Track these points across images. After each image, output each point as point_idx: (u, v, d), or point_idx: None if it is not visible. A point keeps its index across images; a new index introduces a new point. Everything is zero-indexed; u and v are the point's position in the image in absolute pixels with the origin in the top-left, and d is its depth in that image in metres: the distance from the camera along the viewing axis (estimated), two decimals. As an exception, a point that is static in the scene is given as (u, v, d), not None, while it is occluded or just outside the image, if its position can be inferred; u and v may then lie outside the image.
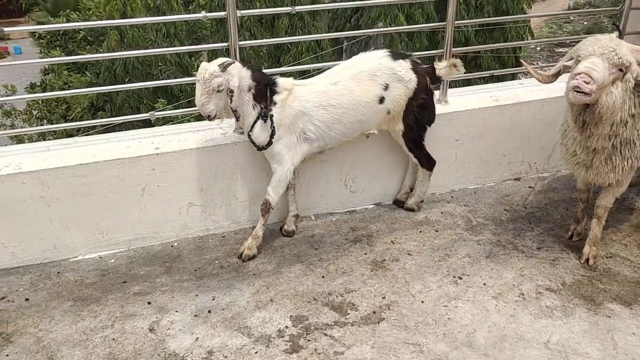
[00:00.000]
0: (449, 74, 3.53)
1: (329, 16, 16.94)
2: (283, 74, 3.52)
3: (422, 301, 2.97)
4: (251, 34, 12.94)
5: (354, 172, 3.79)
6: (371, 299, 2.99)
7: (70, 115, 14.45)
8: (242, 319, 2.85)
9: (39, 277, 3.20)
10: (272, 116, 3.13)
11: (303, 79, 3.47)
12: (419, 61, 3.52)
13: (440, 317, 2.86)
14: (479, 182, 4.15)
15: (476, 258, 3.32)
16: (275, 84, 3.17)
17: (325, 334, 2.75)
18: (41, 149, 3.31)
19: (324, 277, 3.17)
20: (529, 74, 3.22)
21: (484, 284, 3.10)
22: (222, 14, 3.37)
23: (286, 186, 3.31)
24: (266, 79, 3.17)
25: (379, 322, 2.82)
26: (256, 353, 2.64)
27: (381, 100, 3.34)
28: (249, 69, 3.11)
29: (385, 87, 3.33)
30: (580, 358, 2.60)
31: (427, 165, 3.67)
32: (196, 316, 2.88)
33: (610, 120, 2.80)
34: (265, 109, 3.12)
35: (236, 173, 3.51)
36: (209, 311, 2.91)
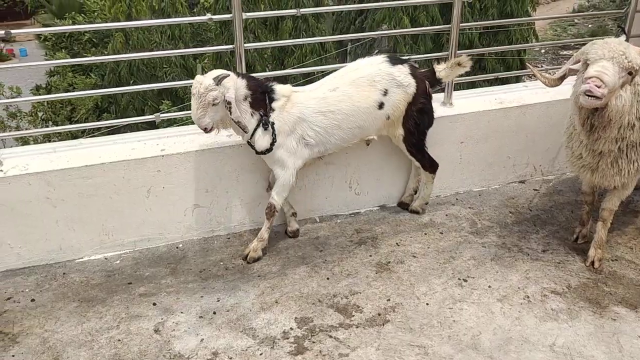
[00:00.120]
0: (451, 74, 3.52)
1: (333, 18, 16.96)
2: (288, 76, 3.52)
3: (427, 303, 2.97)
4: (255, 36, 12.96)
5: (358, 174, 3.79)
6: (376, 301, 2.99)
7: (75, 117, 14.51)
8: (247, 321, 2.86)
9: (45, 277, 3.21)
10: (273, 123, 3.13)
11: (307, 81, 3.48)
12: (417, 65, 3.52)
13: (445, 319, 2.86)
14: (484, 185, 4.14)
15: (481, 260, 3.32)
16: (273, 91, 3.17)
17: (330, 336, 2.75)
18: (47, 151, 3.32)
19: (328, 279, 3.17)
20: (533, 77, 3.22)
21: (489, 286, 3.10)
22: (228, 16, 3.38)
23: (290, 189, 3.31)
24: (262, 86, 3.17)
25: (383, 324, 2.82)
26: (261, 354, 2.64)
27: (380, 105, 3.34)
28: (244, 78, 3.10)
29: (385, 93, 3.33)
30: (586, 361, 2.60)
31: (430, 168, 3.67)
32: (201, 317, 2.88)
33: (618, 123, 2.80)
34: (264, 116, 3.12)
35: (241, 175, 3.51)
36: (214, 312, 2.91)
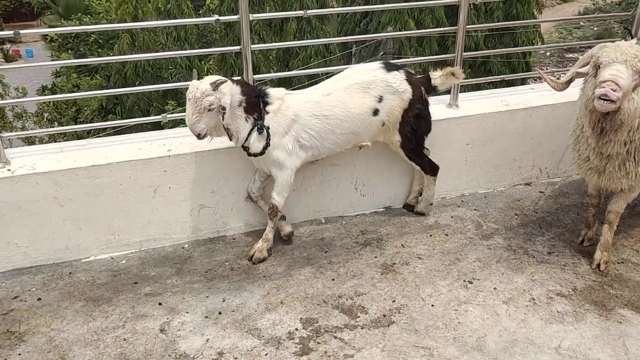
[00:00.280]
0: (445, 83, 3.52)
1: (338, 20, 16.97)
2: (292, 78, 3.53)
3: (432, 305, 2.97)
4: (260, 37, 12.99)
5: (364, 176, 3.79)
6: (381, 302, 2.99)
7: (80, 118, 14.56)
8: (253, 321, 2.86)
9: (51, 277, 3.22)
10: (268, 128, 3.13)
11: (312, 83, 3.49)
12: (413, 72, 3.52)
13: (450, 321, 2.86)
14: (490, 187, 4.14)
15: (486, 262, 3.32)
16: (267, 95, 3.17)
17: (335, 337, 2.75)
18: (55, 150, 3.34)
19: (334, 279, 3.18)
20: (538, 80, 3.22)
21: (495, 288, 3.10)
22: (235, 17, 3.38)
23: (290, 188, 3.31)
24: (255, 91, 3.17)
25: (389, 326, 2.82)
26: (266, 355, 2.65)
27: (375, 112, 3.34)
28: (238, 84, 3.11)
29: (380, 100, 3.33)
30: (592, 364, 2.59)
31: (431, 171, 3.66)
32: (207, 317, 2.89)
33: (629, 126, 2.79)
34: (258, 120, 3.12)
35: (247, 176, 3.52)
36: (220, 312, 2.92)
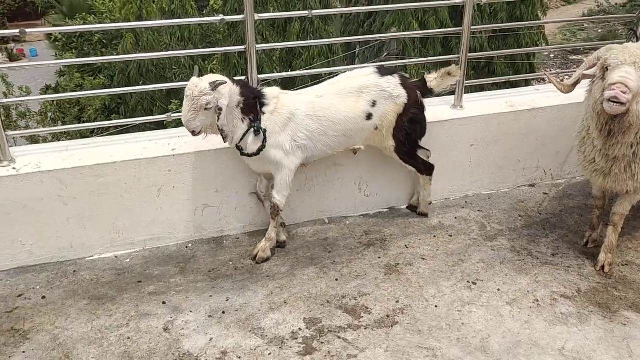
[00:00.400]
0: (442, 84, 3.51)
1: (342, 21, 16.97)
2: (296, 78, 3.53)
3: (436, 306, 2.97)
4: (264, 38, 13.00)
5: (368, 176, 3.79)
6: (385, 302, 2.99)
7: (84, 117, 14.59)
8: (256, 320, 2.87)
9: (56, 275, 3.23)
10: (265, 130, 3.13)
11: (315, 83, 3.49)
12: (407, 76, 3.52)
13: (454, 322, 2.85)
14: (494, 188, 4.13)
15: (490, 264, 3.31)
16: (264, 96, 3.17)
17: (339, 337, 2.75)
18: (60, 149, 3.35)
19: (337, 280, 3.18)
20: (543, 81, 3.22)
21: (498, 289, 3.09)
22: (240, 17, 3.39)
23: (290, 186, 3.30)
24: (254, 92, 3.17)
25: (392, 326, 2.82)
26: (270, 354, 2.65)
27: (369, 116, 3.33)
28: (238, 85, 3.10)
29: (373, 104, 3.33)
30: (596, 365, 2.59)
31: (427, 171, 3.63)
32: (210, 317, 2.89)
33: (636, 128, 2.79)
34: (254, 121, 3.11)
35: (251, 175, 3.52)
36: (223, 312, 2.92)
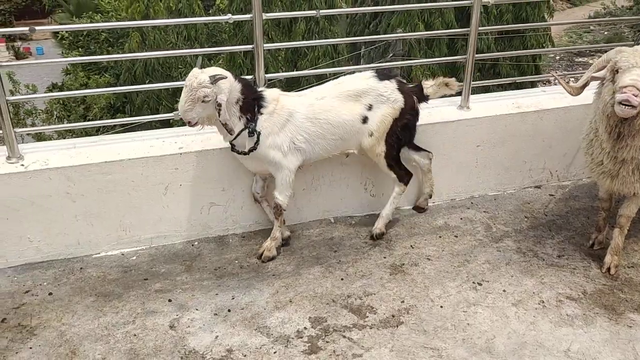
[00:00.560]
0: (437, 92, 3.52)
1: (347, 22, 16.97)
2: (301, 78, 3.52)
3: (441, 306, 2.97)
4: (269, 38, 13.01)
5: (374, 176, 3.79)
6: (390, 302, 3.00)
7: (89, 116, 14.64)
8: (262, 319, 2.87)
9: (63, 272, 3.24)
10: (259, 133, 3.12)
11: (320, 84, 3.49)
12: (405, 81, 3.51)
13: (459, 322, 2.86)
14: (499, 189, 4.13)
15: (496, 264, 3.31)
16: (263, 97, 3.16)
17: (344, 336, 2.76)
18: (67, 146, 3.36)
19: (342, 279, 3.18)
20: (548, 83, 3.21)
21: (504, 290, 3.09)
22: (248, 16, 3.40)
23: (291, 186, 3.30)
24: (254, 93, 3.16)
25: (397, 326, 2.83)
26: (275, 353, 2.66)
27: (364, 120, 3.33)
28: (240, 82, 3.09)
29: (369, 108, 3.33)
30: (602, 367, 2.59)
31: (405, 178, 3.58)
32: (216, 315, 2.90)
33: None
34: (250, 121, 3.10)
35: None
36: (229, 310, 2.93)
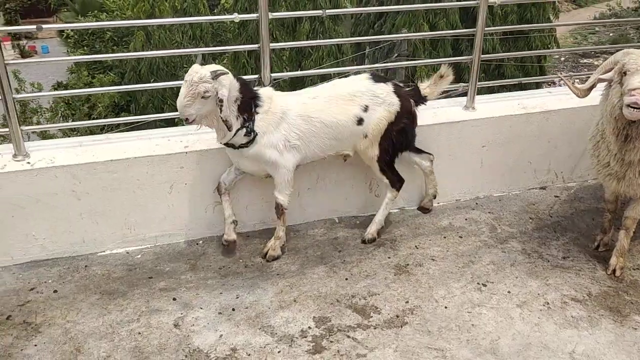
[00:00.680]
0: (436, 89, 3.49)
1: (352, 22, 16.98)
2: (305, 78, 3.51)
3: (446, 307, 2.97)
4: (273, 37, 13.03)
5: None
6: (394, 302, 2.99)
7: (93, 115, 14.69)
8: (266, 318, 2.87)
9: (68, 269, 3.25)
10: (256, 134, 3.11)
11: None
12: (401, 84, 3.48)
13: (463, 323, 2.85)
14: (504, 190, 4.12)
15: (501, 265, 3.31)
16: (259, 97, 3.15)
17: (348, 336, 2.76)
18: (73, 144, 3.37)
19: (347, 279, 3.18)
20: (552, 84, 3.21)
21: (509, 291, 3.09)
22: (254, 15, 3.41)
23: (291, 185, 3.29)
24: (251, 92, 3.15)
25: (402, 326, 2.83)
26: (279, 352, 2.66)
27: (360, 121, 3.30)
28: (238, 81, 3.08)
29: (365, 109, 3.29)
30: (607, 369, 2.58)
31: (397, 184, 3.56)
32: (220, 314, 2.91)
33: None
34: (247, 121, 3.09)
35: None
36: (233, 309, 2.94)
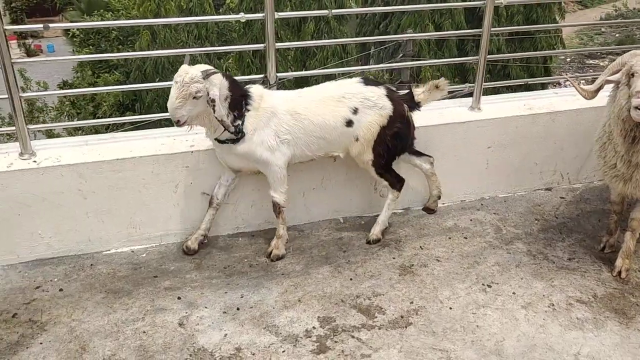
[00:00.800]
0: (429, 97, 3.47)
1: (357, 22, 16.97)
2: (309, 78, 3.51)
3: (451, 308, 2.96)
4: (278, 37, 13.05)
5: (384, 177, 3.79)
6: (399, 303, 2.99)
7: (98, 114, 14.73)
8: (270, 318, 2.88)
9: (73, 268, 3.26)
10: (244, 135, 3.11)
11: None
12: (394, 88, 3.47)
13: (468, 324, 2.85)
14: (510, 191, 4.11)
15: (506, 267, 3.30)
16: (249, 95, 3.15)
17: (353, 336, 2.76)
18: (79, 143, 3.38)
19: (352, 279, 3.18)
20: (558, 84, 3.20)
21: (514, 293, 3.08)
22: (260, 15, 3.41)
23: (285, 182, 3.28)
24: (241, 90, 3.15)
25: (406, 327, 2.82)
26: (283, 352, 2.66)
27: (349, 123, 3.28)
28: (227, 80, 3.07)
29: (354, 111, 3.27)
30: (612, 371, 2.57)
31: (398, 185, 3.54)
32: (225, 313, 2.91)
33: None
34: (238, 118, 3.09)
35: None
36: (238, 308, 2.94)
